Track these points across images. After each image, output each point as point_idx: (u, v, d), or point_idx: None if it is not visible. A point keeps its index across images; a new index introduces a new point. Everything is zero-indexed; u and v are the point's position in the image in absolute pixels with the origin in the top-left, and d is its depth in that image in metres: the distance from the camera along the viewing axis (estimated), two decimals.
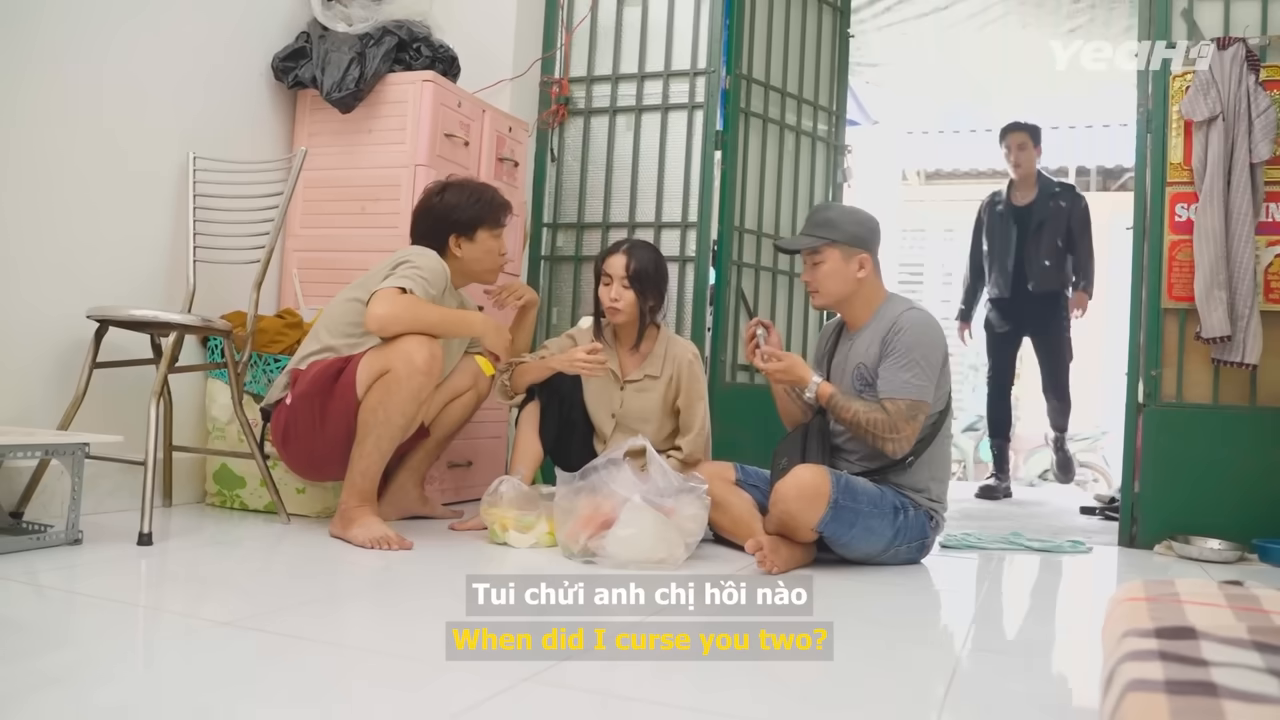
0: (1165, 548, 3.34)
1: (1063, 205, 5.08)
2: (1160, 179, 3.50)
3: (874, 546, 2.66)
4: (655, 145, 4.12)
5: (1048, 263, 5.04)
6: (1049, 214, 5.07)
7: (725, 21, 4.05)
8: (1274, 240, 3.37)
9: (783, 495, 2.55)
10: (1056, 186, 5.18)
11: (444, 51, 3.59)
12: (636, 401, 3.14)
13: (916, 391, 2.64)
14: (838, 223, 2.81)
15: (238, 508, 3.13)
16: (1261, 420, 3.36)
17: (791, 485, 2.54)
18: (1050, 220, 5.06)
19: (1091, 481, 7.40)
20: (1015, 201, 5.18)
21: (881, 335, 2.72)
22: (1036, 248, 5.06)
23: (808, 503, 2.53)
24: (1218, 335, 3.29)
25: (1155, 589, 1.37)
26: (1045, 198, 5.11)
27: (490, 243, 2.98)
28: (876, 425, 2.62)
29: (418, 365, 2.61)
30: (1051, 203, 5.09)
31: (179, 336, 2.72)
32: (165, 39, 3.08)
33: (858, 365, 2.78)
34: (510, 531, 2.72)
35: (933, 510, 2.75)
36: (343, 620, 1.93)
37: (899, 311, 2.74)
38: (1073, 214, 5.09)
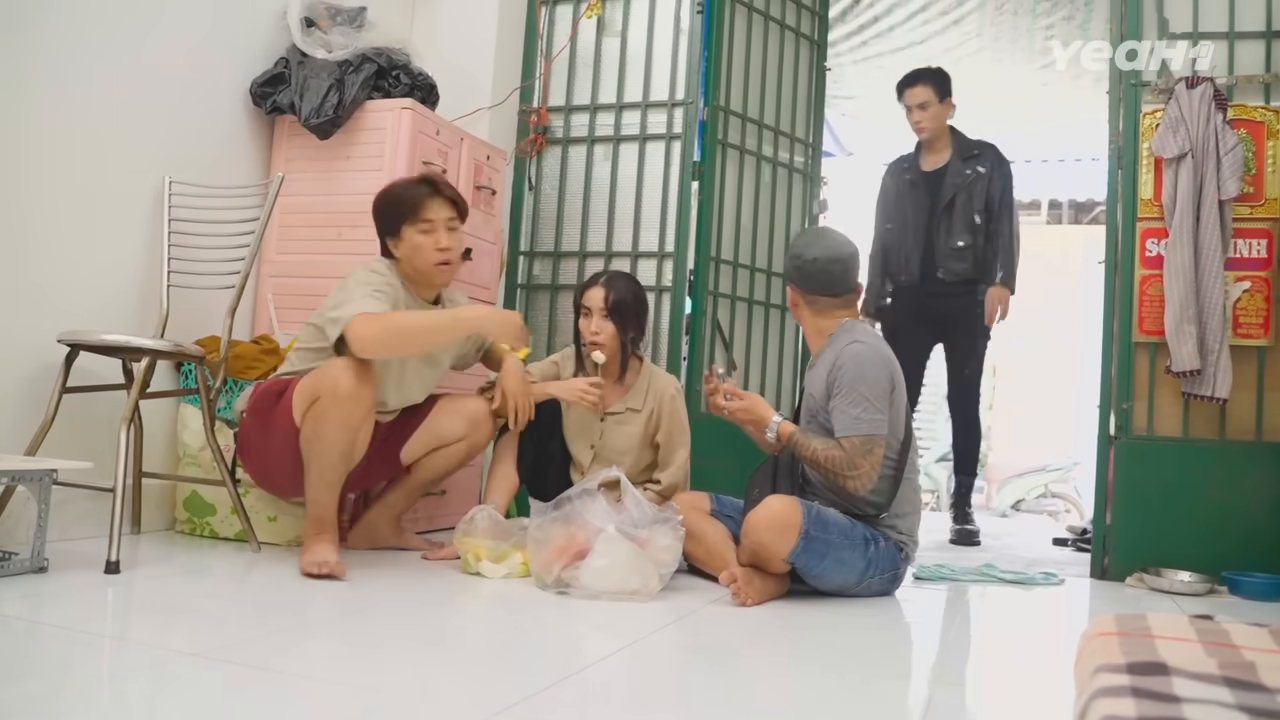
0: (1136, 580, 3.36)
1: (981, 171, 4.24)
2: (1131, 214, 3.54)
3: (846, 578, 2.66)
4: (633, 175, 4.14)
5: (961, 244, 4.22)
6: (964, 182, 4.24)
7: (703, 53, 4.08)
8: (1242, 276, 3.41)
9: (754, 526, 2.55)
10: (975, 148, 4.32)
11: (423, 79, 3.60)
12: (616, 434, 3.14)
13: (868, 426, 2.63)
14: (791, 260, 2.89)
15: (208, 535, 3.10)
16: (1231, 453, 3.39)
17: (762, 516, 2.55)
18: (965, 190, 4.23)
19: (1064, 512, 7.44)
20: (924, 166, 4.37)
21: (827, 371, 2.73)
22: (949, 224, 4.25)
23: (778, 533, 2.52)
24: (1188, 369, 3.33)
25: (1127, 623, 1.37)
26: (960, 162, 4.28)
27: (416, 238, 2.80)
28: (835, 463, 2.62)
29: (342, 392, 2.53)
30: (968, 168, 4.25)
31: (151, 362, 2.70)
32: (144, 63, 3.07)
33: (809, 395, 2.83)
34: (484, 561, 2.70)
35: (902, 543, 2.76)
36: (311, 652, 1.91)
37: (842, 345, 2.74)
38: (993, 181, 4.25)
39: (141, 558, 2.70)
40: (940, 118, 4.30)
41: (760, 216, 4.34)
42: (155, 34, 3.10)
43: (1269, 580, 3.18)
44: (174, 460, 3.19)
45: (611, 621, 2.28)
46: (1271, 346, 3.39)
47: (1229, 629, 1.36)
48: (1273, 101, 3.46)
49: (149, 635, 1.98)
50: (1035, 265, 8.99)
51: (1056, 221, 10.20)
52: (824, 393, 2.72)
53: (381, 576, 2.68)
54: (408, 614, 2.28)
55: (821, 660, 2.07)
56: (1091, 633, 1.39)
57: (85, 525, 2.82)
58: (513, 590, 2.57)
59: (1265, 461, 3.35)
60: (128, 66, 3.02)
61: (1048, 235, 9.76)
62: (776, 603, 2.60)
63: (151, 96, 3.10)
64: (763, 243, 4.35)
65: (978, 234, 4.21)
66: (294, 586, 2.45)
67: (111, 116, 2.98)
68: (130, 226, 3.06)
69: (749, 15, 4.27)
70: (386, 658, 1.83)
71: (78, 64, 2.87)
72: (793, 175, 4.53)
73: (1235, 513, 3.35)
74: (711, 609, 2.47)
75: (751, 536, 2.56)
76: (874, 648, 2.25)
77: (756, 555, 2.58)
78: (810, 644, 2.25)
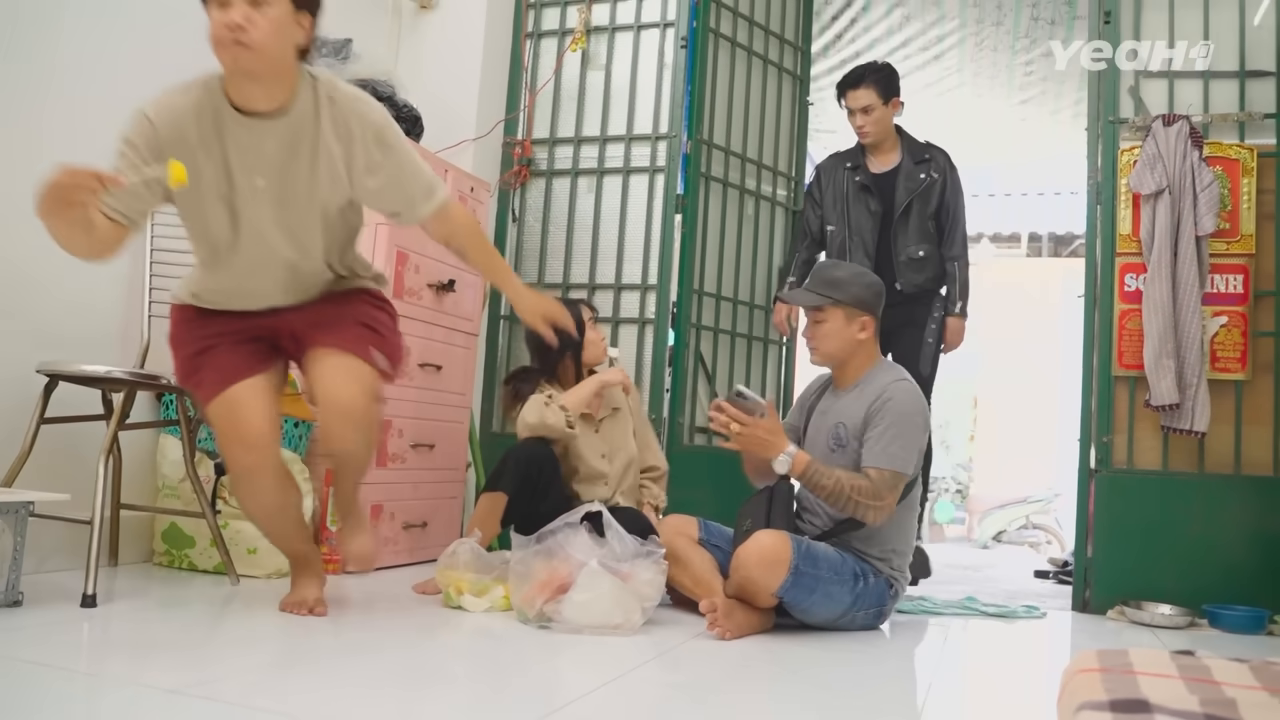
0: (1118, 613, 3.36)
1: (935, 176, 3.92)
2: (1110, 249, 3.58)
3: (832, 612, 2.66)
4: (616, 207, 4.16)
5: (921, 253, 3.90)
6: (919, 187, 3.90)
7: (687, 87, 4.11)
8: (1219, 311, 3.45)
9: (743, 561, 2.55)
10: (926, 151, 3.99)
11: (408, 111, 3.61)
12: (616, 432, 3.29)
13: (901, 464, 2.64)
14: (845, 283, 2.81)
15: (186, 568, 3.07)
16: (1210, 487, 3.41)
17: (753, 551, 2.54)
18: (921, 196, 3.90)
19: (1045, 544, 7.46)
20: (873, 168, 4.00)
21: (869, 401, 2.72)
22: (905, 233, 3.91)
23: (768, 568, 2.52)
24: (1167, 403, 3.35)
25: (1109, 659, 1.38)
26: (913, 165, 3.94)
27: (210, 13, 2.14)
28: (861, 492, 2.59)
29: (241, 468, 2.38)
30: (922, 172, 3.93)
31: (130, 393, 2.69)
32: (124, 92, 3.06)
33: (838, 424, 2.78)
34: (466, 595, 2.69)
35: (893, 578, 2.76)
36: (291, 688, 1.89)
37: (889, 380, 2.75)
38: (946, 188, 3.93)
39: (119, 591, 2.68)
40: (885, 121, 3.94)
41: (743, 249, 4.36)
42: (140, 68, 3.10)
43: (1249, 613, 3.20)
44: (153, 492, 3.16)
45: (594, 656, 2.27)
46: (1249, 381, 3.43)
47: (1210, 665, 1.36)
48: (1247, 139, 3.51)
49: (125, 671, 1.96)
50: (1015, 297, 9.10)
51: (1036, 254, 10.30)
52: (860, 423, 2.72)
53: (363, 610, 2.66)
54: (389, 649, 2.26)
55: (803, 697, 2.06)
56: (1074, 669, 1.39)
57: (61, 558, 2.79)
58: (495, 624, 2.55)
59: (1244, 495, 3.37)
60: (109, 98, 3.01)
61: (1027, 268, 9.85)
62: (759, 637, 2.59)
63: None
64: (745, 276, 4.37)
65: (934, 243, 3.91)
66: (274, 620, 2.43)
67: (92, 144, 2.96)
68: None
69: (732, 50, 4.31)
70: (367, 694, 1.81)
71: (57, 96, 2.86)
72: (775, 208, 4.55)
73: (1215, 546, 3.37)
74: (694, 643, 2.46)
75: (741, 571, 2.55)
76: (857, 684, 2.25)
77: (745, 589, 2.58)
78: (793, 680, 2.24)
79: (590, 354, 3.31)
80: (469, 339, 3.82)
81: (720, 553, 2.85)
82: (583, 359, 3.30)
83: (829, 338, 2.81)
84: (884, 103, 3.90)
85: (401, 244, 3.39)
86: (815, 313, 2.82)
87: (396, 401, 3.38)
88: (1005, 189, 9.55)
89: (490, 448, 4.03)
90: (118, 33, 3.05)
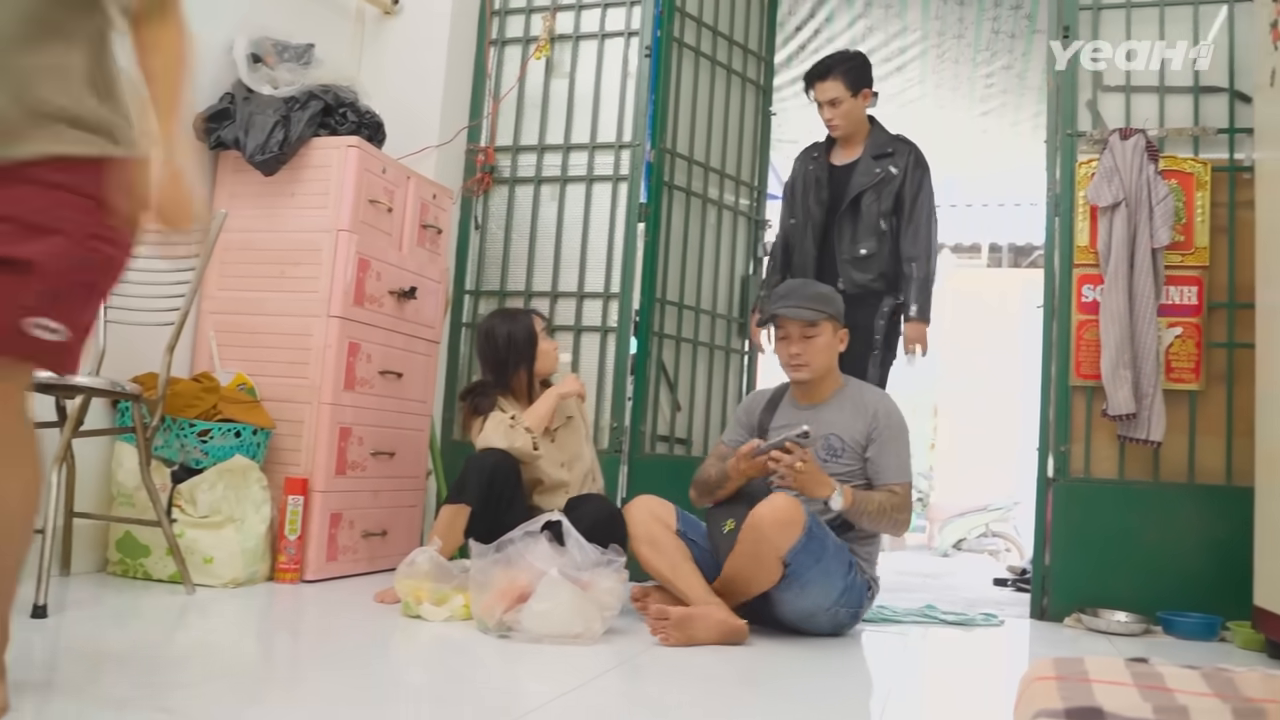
0: (1075, 620, 3.40)
1: (894, 171, 3.70)
2: (1068, 261, 3.62)
3: (825, 598, 2.68)
4: (579, 216, 4.16)
5: (864, 251, 3.69)
6: (872, 181, 3.70)
7: (651, 97, 4.12)
8: (1174, 322, 3.50)
9: (758, 521, 2.55)
10: (890, 145, 3.77)
11: (370, 117, 3.59)
12: (572, 439, 3.28)
13: (910, 475, 2.88)
14: (831, 298, 2.96)
15: (141, 577, 3.02)
16: (1165, 496, 3.45)
17: (767, 511, 2.55)
18: (874, 190, 3.69)
19: (1004, 551, 7.52)
20: (835, 160, 3.86)
21: (867, 418, 2.86)
22: (852, 229, 3.72)
23: (783, 528, 2.54)
24: (1123, 413, 3.40)
25: (1065, 667, 1.39)
26: (871, 159, 3.74)
27: None
28: (896, 509, 2.77)
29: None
30: (879, 166, 3.72)
31: (85, 400, 2.65)
32: None
33: (829, 435, 2.86)
34: (425, 604, 2.67)
35: (872, 581, 2.83)
36: (244, 698, 1.87)
37: (878, 396, 2.96)
38: (906, 184, 3.70)
39: (71, 600, 2.63)
40: (855, 114, 3.75)
41: (706, 258, 4.37)
42: None
43: (1202, 620, 3.24)
44: (107, 500, 3.12)
45: (553, 666, 2.26)
46: (1203, 391, 3.48)
47: (1163, 672, 1.38)
48: (1201, 154, 3.57)
49: (76, 682, 1.93)
50: (975, 307, 9.17)
51: (996, 265, 10.39)
52: (864, 437, 2.86)
53: (321, 619, 2.63)
54: (345, 658, 2.24)
55: (764, 708, 2.07)
56: (1030, 676, 1.40)
57: None
58: (454, 634, 2.54)
59: (1198, 503, 3.42)
60: None
61: (988, 278, 9.94)
62: (721, 646, 2.59)
63: None
64: (708, 284, 4.38)
65: (884, 241, 3.68)
66: (227, 630, 2.40)
67: None
68: None
69: (696, 60, 4.32)
70: (323, 704, 1.79)
71: None
72: (738, 218, 4.57)
73: (1169, 553, 3.41)
74: (655, 653, 2.46)
75: (753, 534, 2.56)
76: (815, 692, 2.25)
77: (753, 556, 2.57)
78: (753, 690, 2.24)
79: (543, 365, 3.28)
80: (430, 346, 3.81)
81: (696, 548, 2.82)
82: (535, 370, 3.28)
83: (822, 351, 2.90)
84: (853, 95, 3.72)
85: (363, 251, 3.37)
86: (808, 328, 2.87)
87: (357, 409, 3.37)
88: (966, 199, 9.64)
89: (451, 455, 4.00)
90: None
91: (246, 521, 3.04)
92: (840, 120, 3.75)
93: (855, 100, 3.73)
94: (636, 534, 2.81)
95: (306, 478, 3.20)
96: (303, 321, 3.31)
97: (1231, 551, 3.20)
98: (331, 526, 3.27)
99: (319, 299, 3.29)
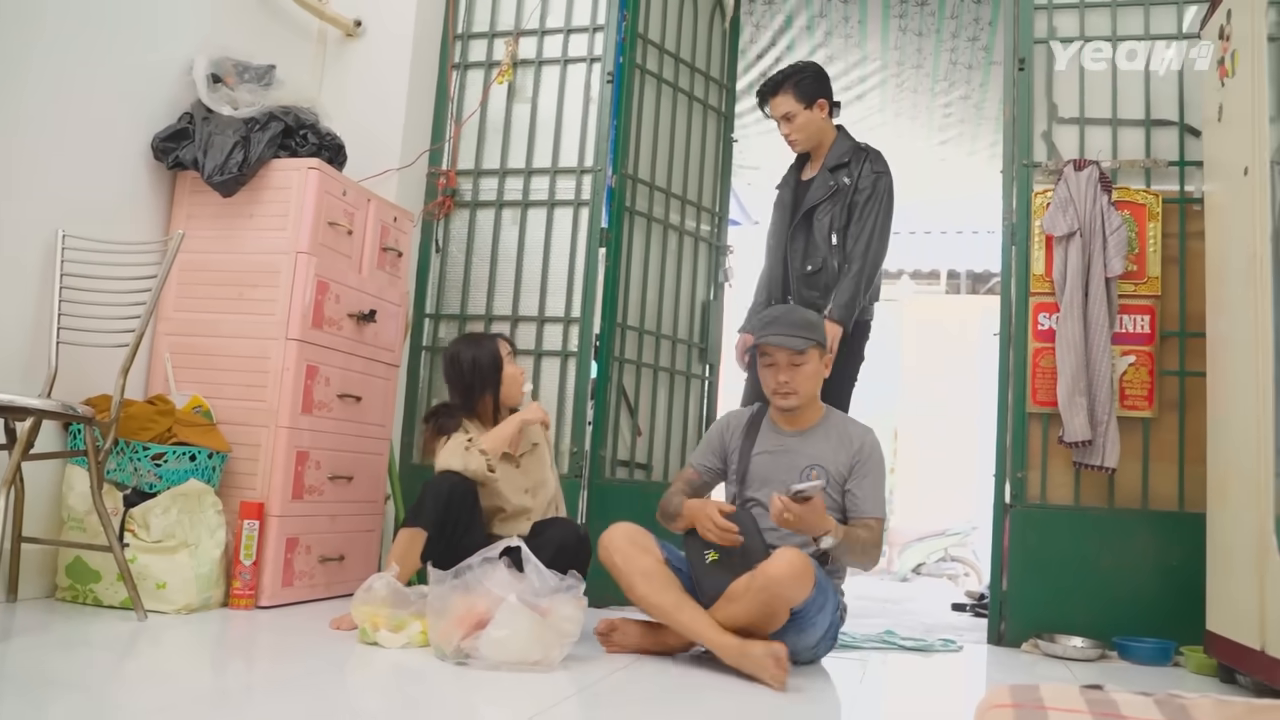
0: (1032, 646, 3.42)
1: (846, 182, 3.53)
2: (1024, 289, 3.67)
3: (818, 635, 2.69)
4: (540, 240, 4.16)
5: (810, 267, 3.56)
6: (824, 195, 3.55)
7: (613, 122, 4.14)
8: (1128, 350, 3.55)
9: (775, 578, 2.48)
10: (847, 155, 3.59)
11: (331, 139, 3.58)
12: (536, 466, 3.27)
13: (885, 509, 2.93)
14: (817, 325, 2.96)
15: (91, 603, 2.96)
16: (1120, 521, 3.50)
17: (783, 567, 2.48)
18: (826, 204, 3.54)
19: (963, 576, 7.57)
20: (803, 175, 3.73)
21: (851, 451, 2.89)
22: (804, 245, 3.59)
23: (799, 584, 2.50)
24: (1079, 439, 3.44)
25: (1020, 695, 1.40)
26: (828, 172, 3.58)
27: None
28: (874, 544, 2.81)
29: None
30: (833, 179, 3.55)
31: (36, 422, 2.60)
32: (35, 113, 2.99)
33: (812, 465, 2.87)
34: (381, 631, 2.64)
35: (843, 608, 2.85)
36: None
37: (861, 429, 2.95)
38: (857, 190, 3.51)
39: (17, 628, 2.58)
40: (812, 126, 3.59)
41: (666, 283, 4.38)
42: (50, 83, 3.03)
43: (1156, 645, 3.27)
44: (57, 524, 3.06)
45: (510, 694, 2.24)
46: (1156, 418, 3.53)
47: (1117, 699, 1.39)
48: (1153, 185, 3.64)
49: (21, 713, 1.88)
50: (934, 333, 9.27)
51: (955, 291, 10.51)
52: (846, 469, 2.88)
53: (276, 645, 2.59)
54: (300, 686, 2.21)
55: None
56: (987, 704, 1.41)
57: None
58: (411, 660, 2.51)
59: (1152, 529, 3.47)
60: (19, 115, 2.94)
61: (946, 304, 10.04)
62: (680, 669, 2.58)
63: (44, 146, 3.01)
64: (669, 309, 4.39)
65: (833, 255, 3.50)
66: (179, 658, 2.36)
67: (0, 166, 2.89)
68: (18, 281, 2.95)
69: (658, 86, 4.35)
70: None
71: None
72: (699, 243, 4.59)
73: (1124, 579, 3.45)
74: (615, 679, 2.45)
75: (769, 589, 2.48)
76: (771, 718, 2.25)
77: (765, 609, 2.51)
78: (711, 717, 2.23)
79: (509, 390, 3.27)
80: (389, 370, 3.78)
81: (681, 575, 2.76)
82: (501, 395, 3.26)
83: (810, 379, 2.91)
84: (806, 107, 3.56)
85: (322, 273, 3.35)
86: (795, 355, 2.86)
87: (314, 433, 3.33)
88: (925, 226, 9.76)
89: (410, 480, 3.97)
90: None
91: (201, 546, 2.99)
92: (798, 134, 3.60)
93: (810, 113, 3.57)
94: (623, 566, 2.70)
95: (263, 502, 3.16)
96: (260, 344, 3.28)
97: (1184, 577, 3.25)
98: (288, 551, 3.23)
99: (277, 321, 3.27)
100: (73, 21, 3.08)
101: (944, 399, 9.00)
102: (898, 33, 5.48)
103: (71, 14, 3.08)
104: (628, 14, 4.19)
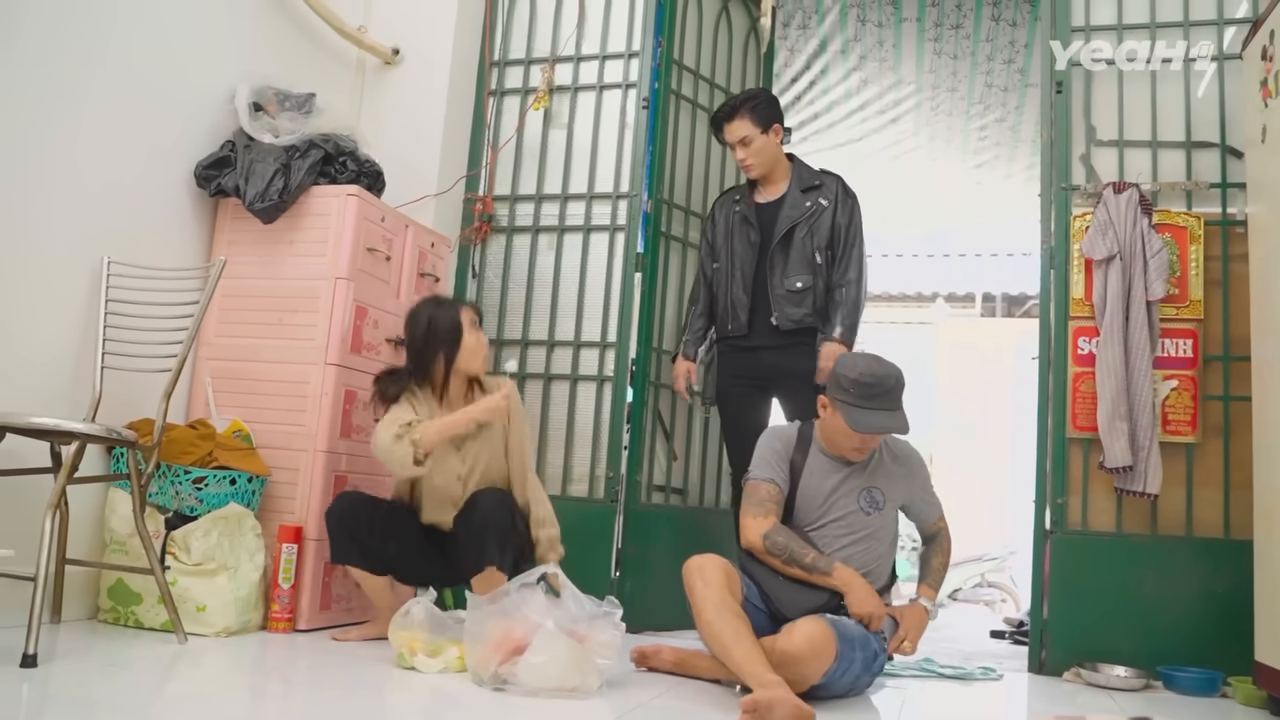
0: (1074, 674, 3.37)
1: (824, 204, 3.64)
2: (1063, 313, 3.64)
3: (846, 686, 2.62)
4: (576, 265, 4.17)
5: (800, 285, 3.60)
6: (803, 215, 3.64)
7: (648, 147, 4.15)
8: (1170, 374, 3.51)
9: (795, 657, 2.43)
10: (818, 178, 3.70)
11: (369, 166, 3.62)
12: (482, 451, 3.08)
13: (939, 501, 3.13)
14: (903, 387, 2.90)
15: (132, 625, 2.99)
16: (1163, 548, 3.44)
17: (802, 645, 2.43)
18: (806, 223, 3.63)
19: (1000, 602, 7.49)
20: (758, 198, 3.77)
21: (904, 470, 3.01)
22: (784, 263, 3.63)
23: (816, 661, 2.45)
24: (1120, 465, 3.39)
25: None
26: (800, 193, 3.67)
27: None
28: (948, 551, 3.11)
29: None
30: (809, 200, 3.65)
31: (80, 446, 2.63)
32: (84, 141, 3.05)
33: (870, 488, 2.92)
34: (419, 655, 2.64)
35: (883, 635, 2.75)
36: None
37: (900, 445, 3.05)
38: (838, 214, 3.65)
39: (60, 649, 2.60)
40: (767, 151, 3.66)
41: None
42: (97, 112, 3.09)
43: (1201, 675, 3.21)
44: (100, 547, 3.09)
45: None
46: (1199, 443, 3.48)
47: None
48: (1194, 208, 3.60)
49: None
50: (970, 357, 9.22)
51: (990, 314, 10.44)
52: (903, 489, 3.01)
53: (311, 670, 2.60)
54: (338, 710, 2.21)
55: None
56: None
57: (2, 615, 2.71)
58: (448, 686, 2.51)
59: (1196, 556, 3.41)
60: (68, 144, 3.00)
61: (981, 328, 9.98)
62: (718, 696, 2.56)
63: (91, 175, 3.07)
64: None
65: (818, 275, 3.60)
66: (219, 681, 2.38)
67: (49, 194, 2.95)
68: (65, 306, 3.01)
69: (693, 111, 4.36)
70: None
71: (20, 142, 2.84)
72: None
73: (1168, 607, 3.39)
74: (652, 706, 2.43)
75: (786, 667, 2.40)
76: None
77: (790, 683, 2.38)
78: None
79: (467, 362, 3.05)
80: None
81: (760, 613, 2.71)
82: (456, 364, 3.05)
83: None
84: (762, 131, 3.62)
85: (361, 299, 3.38)
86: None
87: (352, 457, 3.36)
88: (960, 249, 9.72)
89: None
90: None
91: (240, 569, 3.02)
92: (753, 159, 3.65)
93: (766, 137, 3.63)
94: (707, 596, 2.57)
95: (301, 525, 3.18)
96: (299, 369, 3.31)
97: (1231, 605, 3.19)
98: (325, 575, 3.25)
99: (316, 346, 3.30)
100: (123, 52, 3.14)
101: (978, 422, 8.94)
102: (932, 56, 5.48)
103: (128, 44, 3.14)
104: (663, 40, 4.21)
